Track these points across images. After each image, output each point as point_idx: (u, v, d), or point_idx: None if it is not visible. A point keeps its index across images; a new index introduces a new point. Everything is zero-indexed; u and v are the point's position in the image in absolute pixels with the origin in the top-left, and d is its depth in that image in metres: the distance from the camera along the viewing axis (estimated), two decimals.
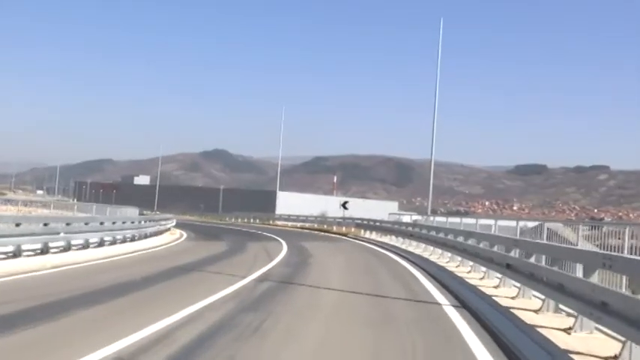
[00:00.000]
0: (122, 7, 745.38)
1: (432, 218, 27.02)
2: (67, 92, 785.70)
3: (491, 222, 17.22)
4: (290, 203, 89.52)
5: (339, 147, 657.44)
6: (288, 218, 53.95)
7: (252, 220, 57.69)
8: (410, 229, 26.51)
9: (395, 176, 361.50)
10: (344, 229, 40.10)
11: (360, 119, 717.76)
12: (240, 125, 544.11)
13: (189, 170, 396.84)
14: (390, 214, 35.92)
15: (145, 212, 44.65)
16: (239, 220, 59.94)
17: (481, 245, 14.27)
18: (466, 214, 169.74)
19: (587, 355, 6.46)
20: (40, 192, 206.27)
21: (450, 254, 18.46)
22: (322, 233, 39.48)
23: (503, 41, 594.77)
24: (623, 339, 6.19)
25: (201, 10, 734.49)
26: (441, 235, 19.88)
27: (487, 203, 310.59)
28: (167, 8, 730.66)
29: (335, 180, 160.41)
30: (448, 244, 18.43)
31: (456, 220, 23.94)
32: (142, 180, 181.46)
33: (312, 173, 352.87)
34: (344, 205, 47.50)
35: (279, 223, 53.64)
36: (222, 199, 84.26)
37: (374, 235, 33.47)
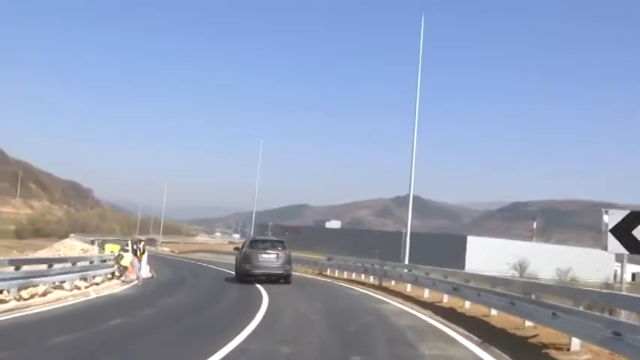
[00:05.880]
0: (312, 67, 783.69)
1: None
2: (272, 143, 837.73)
3: None
4: (482, 250, 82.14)
5: (539, 192, 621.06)
6: (456, 288, 16.52)
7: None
8: None
9: (601, 222, 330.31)
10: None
11: (559, 161, 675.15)
12: (434, 171, 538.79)
13: (380, 216, 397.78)
14: None
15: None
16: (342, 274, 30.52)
17: None
18: None
19: None
20: (235, 235, 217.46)
21: None
22: None
23: None
24: None
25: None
26: None
27: None
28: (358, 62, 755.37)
29: (535, 225, 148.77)
30: None
31: None
32: (334, 224, 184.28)
33: (509, 220, 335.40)
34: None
35: (408, 289, 21.14)
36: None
37: None
